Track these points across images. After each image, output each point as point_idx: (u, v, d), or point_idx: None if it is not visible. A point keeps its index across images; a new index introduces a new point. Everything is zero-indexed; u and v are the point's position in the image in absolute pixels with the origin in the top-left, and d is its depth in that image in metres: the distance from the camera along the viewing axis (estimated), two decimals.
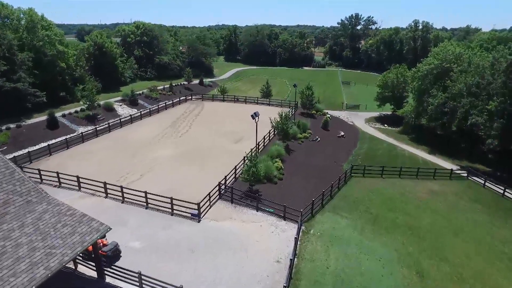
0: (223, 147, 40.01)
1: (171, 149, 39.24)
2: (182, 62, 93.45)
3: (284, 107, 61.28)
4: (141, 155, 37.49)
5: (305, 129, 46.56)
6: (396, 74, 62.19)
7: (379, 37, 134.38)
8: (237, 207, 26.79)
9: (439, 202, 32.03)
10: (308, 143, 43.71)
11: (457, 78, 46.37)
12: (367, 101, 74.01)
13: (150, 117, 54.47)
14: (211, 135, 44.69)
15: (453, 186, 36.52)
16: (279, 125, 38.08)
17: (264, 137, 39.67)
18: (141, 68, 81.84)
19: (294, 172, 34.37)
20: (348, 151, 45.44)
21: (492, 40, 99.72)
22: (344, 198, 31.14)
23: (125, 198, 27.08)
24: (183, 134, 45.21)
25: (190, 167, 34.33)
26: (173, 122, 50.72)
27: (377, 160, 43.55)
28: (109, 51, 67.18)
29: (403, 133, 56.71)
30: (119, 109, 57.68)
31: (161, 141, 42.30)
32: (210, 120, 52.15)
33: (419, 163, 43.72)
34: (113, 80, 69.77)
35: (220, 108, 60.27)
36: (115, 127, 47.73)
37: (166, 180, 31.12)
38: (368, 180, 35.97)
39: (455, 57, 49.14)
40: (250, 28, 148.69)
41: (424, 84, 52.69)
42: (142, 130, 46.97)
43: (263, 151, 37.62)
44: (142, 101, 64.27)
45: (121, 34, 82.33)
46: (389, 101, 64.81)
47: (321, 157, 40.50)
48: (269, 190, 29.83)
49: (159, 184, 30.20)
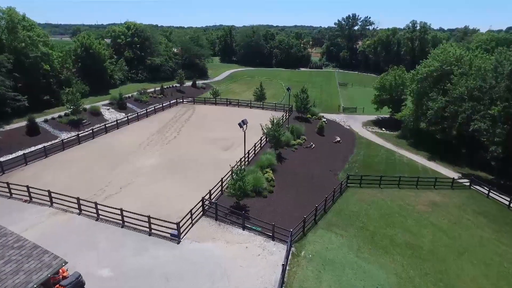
0: (211, 156, 37.71)
1: (155, 158, 36.90)
2: (175, 63, 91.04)
3: (278, 110, 59.10)
4: (123, 164, 35.14)
5: (299, 135, 44.33)
6: (394, 76, 60.08)
7: (377, 38, 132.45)
8: (221, 225, 24.51)
9: (441, 216, 29.87)
10: (302, 150, 41.47)
11: (458, 81, 44.31)
12: (364, 103, 71.90)
13: (138, 121, 52.08)
14: (199, 142, 42.38)
15: (455, 196, 34.39)
16: (270, 132, 35.84)
17: (255, 145, 37.37)
18: (132, 70, 79.37)
19: (286, 184, 32.12)
20: (344, 158, 43.25)
21: (491, 41, 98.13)
22: (339, 212, 28.93)
23: (100, 216, 24.76)
24: (170, 141, 42.87)
25: (174, 178, 32.01)
26: (161, 128, 48.35)
27: (375, 167, 41.42)
28: (97, 52, 64.66)
29: (401, 138, 54.60)
30: (106, 113, 55.27)
31: (147, 148, 39.96)
32: (200, 125, 49.81)
33: (419, 170, 41.64)
34: (102, 82, 67.31)
35: (212, 112, 57.95)
36: (99, 133, 45.33)
37: (147, 194, 28.81)
38: (365, 191, 33.78)
39: (456, 59, 47.08)
40: (246, 28, 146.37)
41: (423, 87, 50.62)
42: (127, 136, 44.59)
43: (254, 160, 35.35)
44: (131, 104, 61.87)
45: (111, 35, 79.84)
46: (387, 104, 62.70)
47: (316, 166, 38.27)
48: (258, 205, 27.58)
49: (139, 198, 27.92)
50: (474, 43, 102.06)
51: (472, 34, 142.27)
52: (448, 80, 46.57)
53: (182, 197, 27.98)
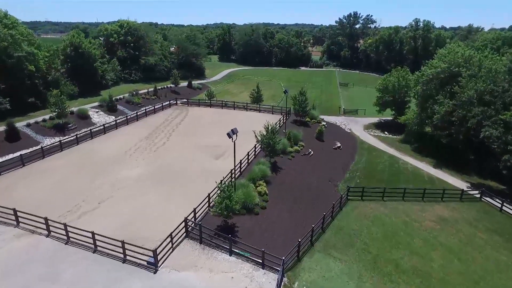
0: (201, 165, 34.98)
1: (141, 168, 34.19)
2: (170, 63, 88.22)
3: (275, 113, 56.34)
4: (105, 175, 32.44)
5: (297, 141, 41.55)
6: (398, 78, 57.20)
7: (378, 37, 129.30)
8: (206, 249, 21.83)
9: (451, 235, 27.14)
10: (300, 158, 38.71)
11: (467, 83, 41.47)
12: (366, 105, 69.09)
13: (127, 125, 49.33)
14: (190, 149, 39.64)
15: (465, 210, 31.64)
16: (265, 140, 33.09)
17: (248, 154, 34.58)
18: (125, 70, 76.57)
19: (280, 198, 29.41)
20: (344, 166, 40.50)
21: (498, 40, 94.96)
22: (339, 231, 26.23)
23: (70, 238, 22.11)
24: (158, 147, 40.15)
25: (159, 192, 29.31)
26: (151, 133, 45.62)
27: (377, 176, 38.70)
28: (86, 52, 61.90)
29: (405, 142, 51.82)
30: (94, 117, 52.55)
31: (133, 156, 37.24)
32: (192, 130, 47.03)
33: (424, 180, 38.90)
34: (93, 83, 64.57)
35: (205, 115, 55.17)
36: (85, 138, 42.60)
37: (127, 211, 26.13)
38: (367, 205, 31.06)
39: (464, 60, 44.19)
40: (245, 27, 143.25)
41: (429, 89, 47.76)
42: (114, 142, 41.87)
43: (247, 170, 32.60)
44: (122, 106, 59.16)
45: (103, 33, 76.99)
46: (390, 106, 59.86)
47: (314, 176, 35.53)
48: (249, 224, 24.90)
49: (118, 216, 25.26)
50: (479, 42, 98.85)
51: (476, 33, 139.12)
52: (455, 82, 43.70)
53: (166, 215, 25.33)
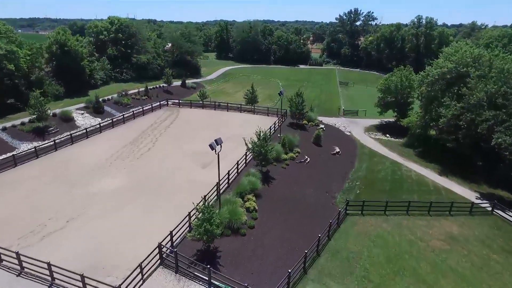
0: (186, 175, 32.00)
1: (120, 178, 31.22)
2: (164, 61, 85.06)
3: (271, 115, 53.32)
4: (80, 186, 29.49)
5: (292, 147, 38.53)
6: (401, 77, 54.08)
7: (380, 34, 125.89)
8: (182, 281, 18.91)
9: (462, 257, 24.20)
10: (295, 167, 35.68)
11: (476, 85, 38.40)
12: (367, 105, 66.10)
13: (113, 129, 46.31)
14: (176, 155, 36.65)
15: (476, 226, 28.70)
16: (256, 149, 30.08)
17: (237, 162, 31.55)
18: (116, 69, 73.45)
19: (271, 214, 26.45)
20: (343, 174, 37.49)
21: (504, 37, 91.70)
22: (336, 253, 23.29)
23: (24, 268, 19.18)
24: (143, 154, 37.17)
25: (136, 207, 26.37)
26: (137, 137, 42.61)
27: (379, 186, 35.73)
28: (73, 50, 58.81)
29: (408, 146, 48.82)
30: (79, 119, 49.48)
31: (113, 165, 34.26)
32: (181, 134, 44.02)
33: (429, 189, 35.95)
34: (80, 83, 61.48)
35: (197, 117, 52.13)
36: (64, 144, 39.64)
37: (97, 231, 23.20)
38: (368, 220, 28.13)
39: (473, 59, 41.07)
40: (243, 24, 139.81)
41: (434, 91, 44.70)
42: (96, 147, 38.89)
43: (235, 182, 29.60)
44: (110, 108, 56.08)
45: (93, 30, 73.80)
46: (392, 108, 56.79)
47: (310, 187, 32.51)
48: (234, 247, 21.96)
49: (86, 238, 22.33)
50: (484, 39, 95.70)
51: (480, 30, 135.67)
52: (463, 83, 40.64)
53: (141, 236, 22.41)
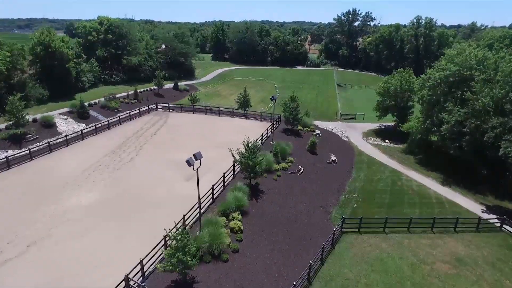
0: (168, 188, 29.44)
1: (96, 192, 28.64)
2: (157, 63, 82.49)
3: (264, 120, 50.93)
4: (50, 203, 26.90)
5: (285, 156, 36.02)
6: (400, 80, 51.63)
7: (378, 35, 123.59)
8: None
9: (470, 283, 21.71)
10: (287, 178, 33.12)
11: (481, 89, 35.98)
12: (365, 108, 63.74)
13: (96, 135, 43.71)
14: (159, 166, 34.07)
15: (485, 245, 26.21)
16: (243, 160, 27.56)
17: (224, 175, 28.98)
18: (106, 71, 70.87)
19: (259, 235, 23.89)
20: (340, 185, 34.98)
21: (505, 38, 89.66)
22: (329, 281, 20.76)
23: None
24: (124, 164, 34.59)
25: (110, 227, 23.81)
26: (120, 145, 40.03)
27: (378, 198, 33.27)
28: (58, 51, 56.19)
29: (408, 153, 46.40)
30: (61, 125, 46.83)
31: (91, 176, 31.66)
32: (167, 142, 41.43)
33: (432, 201, 33.53)
34: (66, 86, 58.85)
35: (186, 123, 49.54)
36: (41, 152, 37.04)
37: (60, 258, 20.61)
38: (366, 239, 25.63)
39: (477, 62, 38.65)
40: (239, 24, 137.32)
41: (436, 94, 42.26)
42: (75, 157, 36.28)
43: (220, 198, 27.05)
44: (96, 112, 53.44)
45: (81, 31, 71.18)
46: (391, 112, 54.37)
47: (303, 200, 29.97)
48: (214, 277, 19.41)
49: (45, 267, 19.77)
50: (485, 40, 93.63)
51: (480, 31, 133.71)
52: (467, 87, 38.22)
53: (111, 264, 19.85)
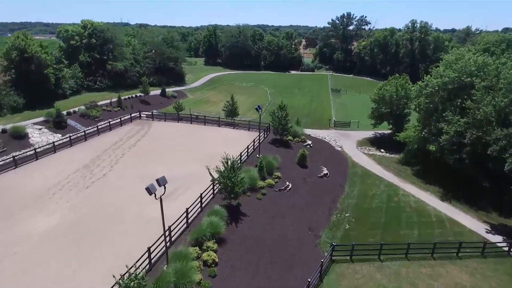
0: (139, 210, 26.39)
1: (57, 216, 25.52)
2: (145, 68, 79.55)
3: (252, 129, 48.10)
4: (3, 228, 23.77)
5: (272, 170, 33.13)
6: (396, 87, 49.15)
7: (373, 39, 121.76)
8: None
9: None
10: (273, 196, 30.19)
11: (482, 97, 33.50)
12: (360, 114, 61.25)
13: (71, 148, 40.53)
14: (134, 182, 30.97)
15: (491, 273, 23.50)
16: (221, 180, 24.63)
17: (201, 196, 25.95)
18: (89, 77, 67.77)
19: (236, 268, 20.89)
20: (331, 203, 32.17)
21: (502, 42, 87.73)
22: None
23: None
24: (96, 180, 31.50)
25: (67, 258, 20.70)
26: (94, 158, 36.93)
27: (372, 218, 30.50)
28: (35, 56, 53.08)
29: (405, 164, 43.91)
30: (35, 136, 43.62)
31: (56, 196, 28.52)
32: (146, 154, 38.37)
33: (432, 220, 30.90)
34: (45, 93, 55.67)
35: (169, 133, 46.54)
36: (6, 168, 33.77)
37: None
38: (359, 269, 22.78)
39: (477, 68, 36.22)
40: (231, 28, 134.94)
41: (434, 102, 39.80)
42: (42, 173, 33.10)
43: (194, 224, 24.04)
44: (75, 121, 50.26)
45: (63, 35, 68.12)
46: (387, 120, 51.85)
47: (290, 223, 27.05)
48: None
49: None
50: (481, 44, 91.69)
51: (475, 35, 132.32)
52: (467, 95, 35.75)
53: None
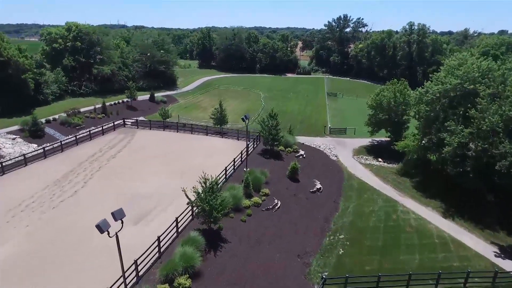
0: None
1: (13, 242, 22.54)
2: (134, 72, 76.73)
3: (241, 139, 45.23)
4: None
5: (259, 187, 30.26)
6: (394, 93, 46.53)
7: (370, 41, 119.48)
8: None
9: None
10: (260, 217, 27.32)
11: (487, 106, 30.89)
12: (357, 120, 58.55)
13: (45, 160, 37.53)
14: (107, 201, 27.98)
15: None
16: (198, 203, 21.78)
17: (177, 220, 23.08)
18: (74, 82, 64.84)
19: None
20: (324, 222, 29.36)
21: (501, 45, 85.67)
22: None
23: None
24: (64, 199, 28.55)
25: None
26: (68, 172, 33.96)
27: (369, 240, 27.72)
28: (13, 60, 50.15)
29: (403, 175, 41.22)
30: (7, 146, 40.70)
31: (15, 219, 25.54)
32: (125, 168, 35.38)
33: (434, 242, 28.16)
34: (23, 99, 52.79)
35: (153, 142, 43.62)
36: None
37: None
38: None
39: (482, 74, 33.64)
40: (226, 30, 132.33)
41: (435, 110, 37.18)
42: (5, 190, 30.10)
43: (168, 254, 21.16)
44: (54, 130, 47.32)
45: (46, 38, 65.18)
46: (385, 127, 49.21)
47: (276, 249, 24.17)
48: None
49: None
50: (480, 47, 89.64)
51: (473, 38, 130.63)
52: (471, 103, 33.12)
53: None
